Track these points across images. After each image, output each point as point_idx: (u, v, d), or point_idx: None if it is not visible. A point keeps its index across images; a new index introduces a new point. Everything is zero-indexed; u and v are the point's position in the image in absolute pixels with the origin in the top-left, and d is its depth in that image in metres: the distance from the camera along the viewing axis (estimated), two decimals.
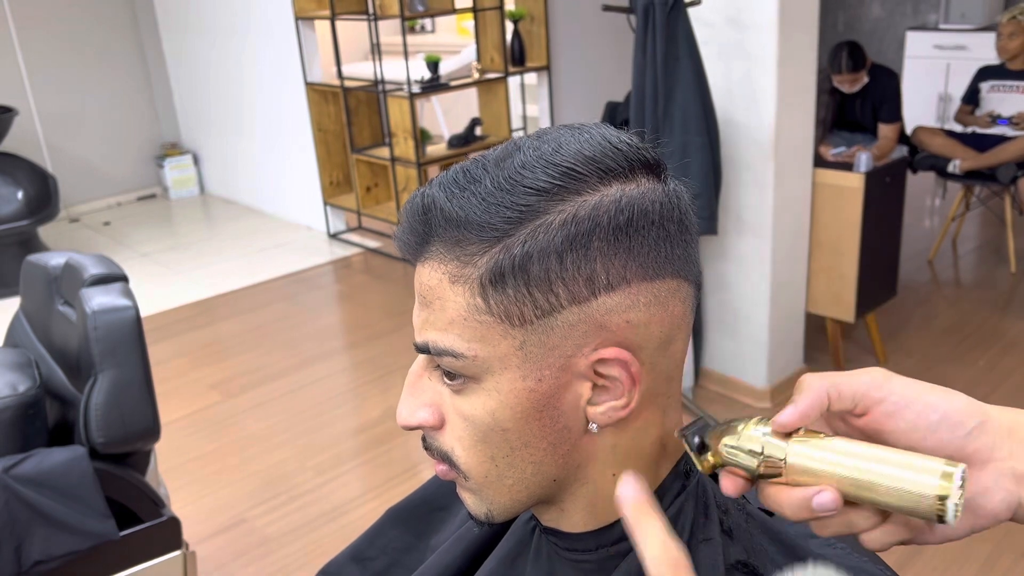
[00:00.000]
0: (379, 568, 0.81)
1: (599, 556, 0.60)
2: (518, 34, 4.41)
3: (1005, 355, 3.09)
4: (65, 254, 1.93)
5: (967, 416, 0.47)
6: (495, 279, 0.52)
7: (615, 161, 0.53)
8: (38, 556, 1.61)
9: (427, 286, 0.55)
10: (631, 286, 0.53)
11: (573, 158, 0.52)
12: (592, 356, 0.53)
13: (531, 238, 0.51)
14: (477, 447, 0.57)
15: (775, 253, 2.71)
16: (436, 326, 0.55)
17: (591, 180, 0.52)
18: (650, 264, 0.53)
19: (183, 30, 5.43)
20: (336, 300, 4.22)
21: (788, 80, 2.54)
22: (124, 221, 5.40)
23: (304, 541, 2.34)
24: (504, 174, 0.53)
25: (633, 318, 0.53)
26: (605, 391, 0.55)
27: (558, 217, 0.51)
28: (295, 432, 2.89)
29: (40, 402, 1.73)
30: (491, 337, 0.53)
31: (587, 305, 0.52)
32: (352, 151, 4.54)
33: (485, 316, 0.53)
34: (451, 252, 0.53)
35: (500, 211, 0.52)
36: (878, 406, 0.48)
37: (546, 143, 0.54)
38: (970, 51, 5.45)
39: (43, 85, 5.28)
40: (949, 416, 0.47)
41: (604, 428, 0.56)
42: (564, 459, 0.57)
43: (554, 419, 0.55)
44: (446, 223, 0.53)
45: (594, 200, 0.52)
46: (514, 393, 0.54)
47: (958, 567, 2.10)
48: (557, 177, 0.52)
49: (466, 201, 0.52)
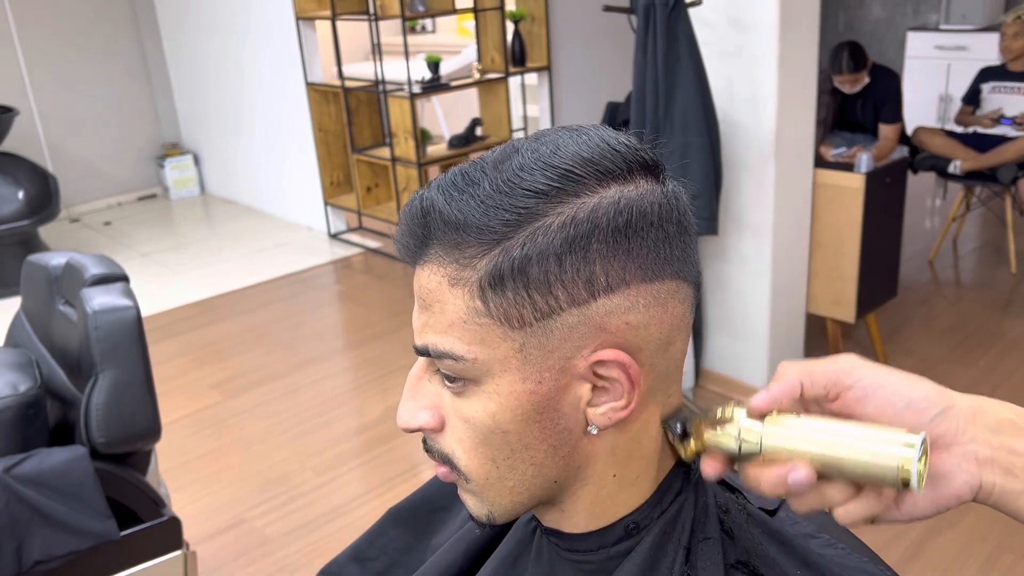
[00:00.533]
0: (379, 568, 0.81)
1: (600, 557, 0.60)
2: (519, 34, 4.41)
3: (1005, 355, 3.09)
4: (66, 254, 1.93)
5: (932, 403, 0.50)
6: (494, 282, 0.52)
7: (613, 163, 0.53)
8: (38, 556, 1.61)
9: (426, 289, 0.55)
10: (630, 288, 0.53)
11: (571, 160, 0.53)
12: (591, 358, 0.53)
13: (530, 241, 0.51)
14: (478, 449, 0.57)
15: (775, 253, 2.71)
16: (436, 329, 0.55)
17: (589, 182, 0.52)
18: (649, 266, 0.53)
19: (184, 30, 5.44)
20: (337, 300, 4.22)
21: (789, 80, 2.53)
22: (125, 221, 5.41)
23: (304, 541, 2.34)
24: (503, 176, 0.53)
25: (632, 320, 0.53)
26: (605, 392, 0.55)
27: (557, 219, 0.52)
28: (295, 432, 2.89)
29: (41, 402, 1.73)
30: (491, 340, 0.53)
31: (586, 307, 0.52)
32: (352, 151, 4.55)
33: (484, 319, 0.53)
34: (450, 255, 0.53)
35: (499, 214, 0.52)
36: (848, 392, 0.51)
37: (544, 145, 0.54)
38: (971, 51, 5.45)
39: (44, 85, 5.28)
40: (915, 403, 0.50)
41: (604, 430, 0.56)
42: (565, 460, 0.57)
43: (554, 421, 0.55)
44: (445, 226, 0.53)
45: (593, 202, 0.52)
46: (514, 395, 0.54)
47: (958, 567, 2.10)
48: (555, 179, 0.52)
49: (465, 204, 0.52)
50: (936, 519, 2.23)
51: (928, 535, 2.20)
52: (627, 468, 0.58)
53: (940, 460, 0.50)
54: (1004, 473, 0.49)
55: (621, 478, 0.59)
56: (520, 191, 0.52)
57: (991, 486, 0.49)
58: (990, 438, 0.49)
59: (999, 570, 2.09)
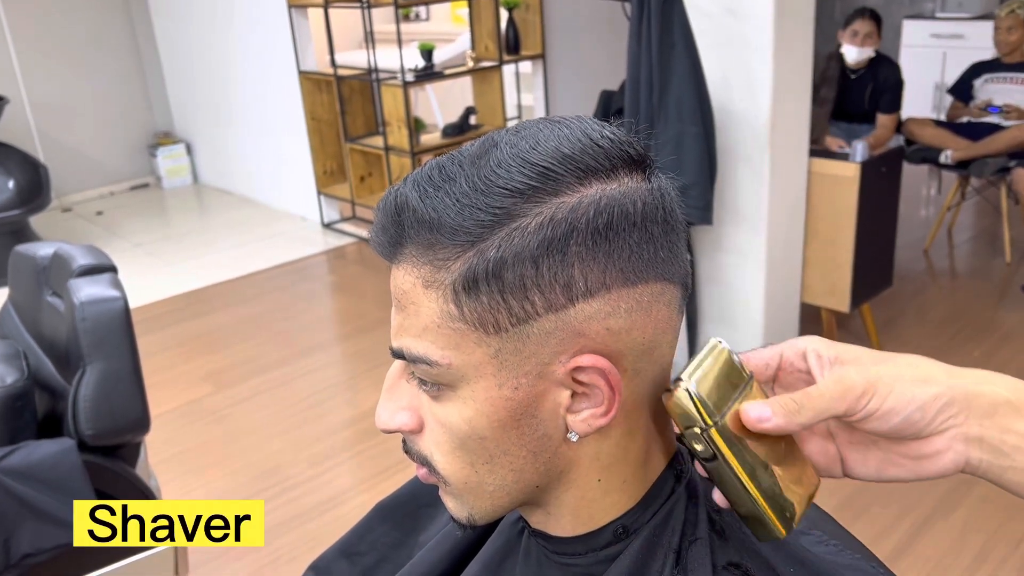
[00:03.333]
0: (369, 564, 0.80)
1: (589, 560, 0.59)
2: (513, 22, 4.38)
3: (1001, 345, 3.09)
4: (53, 244, 1.92)
5: (927, 412, 0.50)
6: (468, 285, 0.50)
7: (595, 159, 0.51)
8: (27, 549, 1.60)
9: (401, 289, 0.53)
10: (611, 292, 0.51)
11: (551, 157, 0.50)
12: (569, 364, 0.51)
13: (506, 243, 0.49)
14: (455, 453, 0.55)
15: (770, 243, 2.71)
16: (410, 332, 0.53)
17: (569, 180, 0.50)
18: (631, 268, 0.51)
19: (175, 18, 5.39)
20: (330, 290, 4.21)
21: (784, 70, 2.52)
22: (117, 211, 5.38)
23: (297, 533, 2.33)
24: (480, 173, 0.50)
25: (613, 325, 0.51)
26: (585, 398, 0.53)
27: (534, 220, 0.49)
28: (288, 424, 2.88)
29: (28, 394, 1.71)
30: (465, 345, 0.51)
31: (564, 313, 0.50)
32: (346, 140, 4.52)
33: (459, 323, 0.51)
34: (424, 256, 0.51)
35: (474, 213, 0.49)
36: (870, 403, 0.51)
37: (524, 139, 0.51)
38: (967, 40, 5.44)
39: (34, 73, 5.24)
40: (909, 417, 0.50)
41: (585, 436, 0.54)
42: (546, 466, 0.55)
43: (533, 427, 0.53)
44: (418, 225, 0.51)
45: (572, 202, 0.50)
46: (490, 401, 0.52)
47: (952, 558, 2.10)
48: (533, 177, 0.49)
49: (439, 202, 0.50)
50: (929, 511, 2.24)
51: (921, 527, 2.20)
52: (612, 473, 0.57)
53: (931, 442, 0.51)
54: (992, 451, 0.50)
55: (607, 483, 0.57)
56: (496, 189, 0.49)
57: (978, 461, 0.51)
58: (982, 420, 0.50)
59: (992, 561, 2.09)
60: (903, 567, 2.08)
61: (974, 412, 0.50)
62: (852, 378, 0.51)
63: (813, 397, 0.51)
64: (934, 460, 0.51)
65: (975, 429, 0.50)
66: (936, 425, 0.50)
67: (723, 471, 0.52)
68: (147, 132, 5.81)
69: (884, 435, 0.52)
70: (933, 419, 0.50)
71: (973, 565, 2.08)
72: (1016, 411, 0.50)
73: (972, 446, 0.50)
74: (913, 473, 0.52)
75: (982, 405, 0.50)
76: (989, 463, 0.50)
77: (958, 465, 0.51)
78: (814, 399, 0.51)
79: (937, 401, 0.50)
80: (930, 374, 0.51)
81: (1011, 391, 0.50)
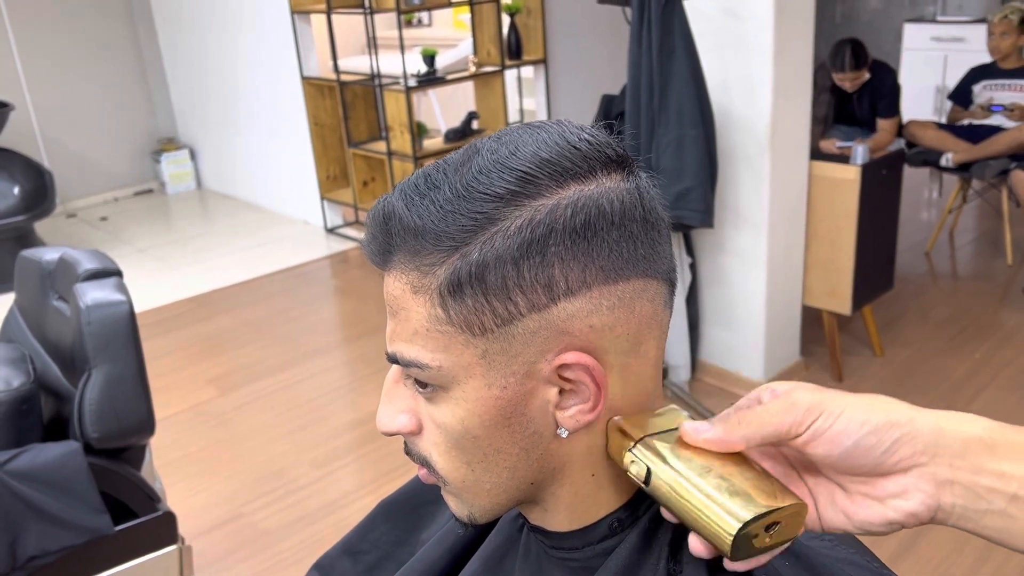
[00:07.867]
0: (371, 562, 0.81)
1: (586, 554, 0.60)
2: (515, 27, 4.40)
3: (1002, 347, 3.09)
4: (59, 249, 1.93)
5: (882, 437, 0.48)
6: (453, 289, 0.52)
7: (572, 161, 0.52)
8: (33, 551, 1.61)
9: (392, 296, 0.55)
10: (592, 290, 0.52)
11: (529, 161, 0.51)
12: (554, 361, 0.53)
13: (487, 246, 0.51)
14: (452, 453, 0.57)
15: (771, 246, 2.71)
16: (402, 337, 0.55)
17: (547, 183, 0.51)
18: (611, 266, 0.52)
19: (179, 24, 5.42)
20: (333, 295, 4.22)
21: (784, 72, 2.53)
22: (121, 216, 5.40)
23: (301, 535, 2.34)
24: (462, 180, 0.52)
25: (596, 322, 0.53)
26: (573, 395, 0.54)
27: (515, 223, 0.51)
28: (292, 426, 2.89)
29: (34, 397, 1.73)
30: (453, 347, 0.53)
31: (547, 312, 0.52)
32: (348, 145, 4.54)
33: (446, 326, 0.53)
34: (411, 262, 0.53)
35: (457, 219, 0.51)
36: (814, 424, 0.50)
37: (504, 146, 0.53)
38: (968, 43, 5.44)
39: (39, 80, 5.27)
40: (861, 442, 0.48)
41: (575, 432, 0.56)
42: (539, 463, 0.57)
43: (523, 425, 0.55)
44: (405, 232, 0.52)
45: (551, 204, 0.51)
46: (480, 401, 0.54)
47: (953, 560, 2.11)
48: (513, 182, 0.51)
49: (424, 209, 0.52)
50: None
51: (922, 529, 2.20)
52: (606, 467, 0.58)
53: (897, 480, 0.49)
54: (965, 494, 0.48)
55: (600, 477, 0.58)
56: (478, 195, 0.51)
57: (950, 507, 0.48)
58: (952, 460, 0.48)
59: (992, 564, 2.10)
60: (904, 568, 2.08)
61: (943, 451, 0.48)
62: (798, 396, 0.50)
63: (755, 412, 0.51)
64: (903, 499, 0.49)
65: (945, 471, 0.48)
66: (897, 460, 0.48)
67: (657, 484, 0.53)
68: (151, 138, 5.84)
69: (841, 468, 0.50)
70: (890, 449, 0.48)
71: (974, 566, 2.09)
72: (989, 449, 0.47)
73: (944, 490, 0.48)
74: (882, 516, 0.50)
75: (951, 444, 0.48)
76: (964, 508, 0.48)
77: (930, 509, 0.48)
78: (756, 413, 0.51)
79: (893, 429, 0.48)
80: (891, 406, 0.49)
81: (984, 429, 0.48)
